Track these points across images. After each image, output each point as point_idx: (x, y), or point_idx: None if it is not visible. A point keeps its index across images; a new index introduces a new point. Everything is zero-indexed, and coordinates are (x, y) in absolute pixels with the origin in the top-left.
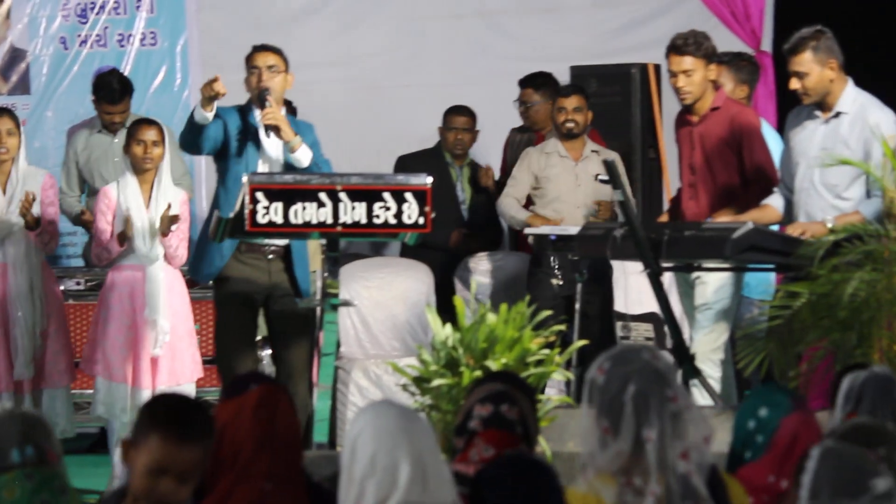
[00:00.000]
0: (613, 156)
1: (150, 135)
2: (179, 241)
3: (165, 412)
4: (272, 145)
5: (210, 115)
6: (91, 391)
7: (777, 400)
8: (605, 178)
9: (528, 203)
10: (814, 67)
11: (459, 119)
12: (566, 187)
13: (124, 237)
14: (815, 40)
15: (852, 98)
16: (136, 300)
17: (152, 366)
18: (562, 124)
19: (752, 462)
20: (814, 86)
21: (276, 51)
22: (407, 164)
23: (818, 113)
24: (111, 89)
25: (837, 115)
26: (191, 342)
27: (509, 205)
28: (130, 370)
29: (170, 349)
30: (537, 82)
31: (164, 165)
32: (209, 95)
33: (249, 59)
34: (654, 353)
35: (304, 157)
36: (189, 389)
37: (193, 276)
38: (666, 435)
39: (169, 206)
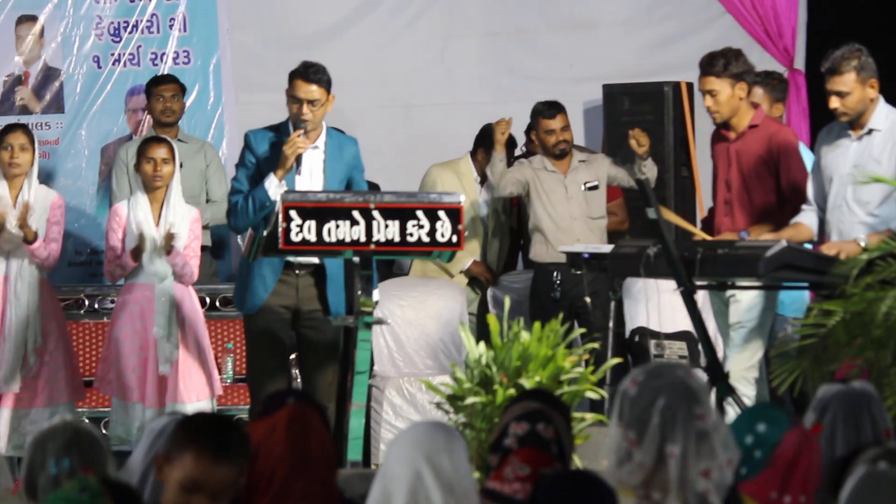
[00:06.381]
0: (600, 160)
1: (159, 153)
2: (188, 259)
3: (201, 429)
4: (305, 161)
5: (283, 187)
6: (107, 409)
7: (776, 416)
8: (594, 184)
9: (523, 216)
10: (856, 87)
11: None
12: (557, 200)
13: (138, 252)
14: (858, 60)
15: (884, 115)
16: (146, 318)
17: (161, 384)
18: (553, 146)
19: (749, 478)
20: (854, 105)
21: (321, 81)
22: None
23: (850, 130)
24: (162, 74)
25: (870, 132)
26: (203, 360)
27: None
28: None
29: (180, 367)
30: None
31: (175, 183)
32: (292, 154)
33: (292, 85)
34: (688, 371)
35: None
36: (202, 407)
37: (238, 307)
38: (689, 452)
39: (170, 227)
